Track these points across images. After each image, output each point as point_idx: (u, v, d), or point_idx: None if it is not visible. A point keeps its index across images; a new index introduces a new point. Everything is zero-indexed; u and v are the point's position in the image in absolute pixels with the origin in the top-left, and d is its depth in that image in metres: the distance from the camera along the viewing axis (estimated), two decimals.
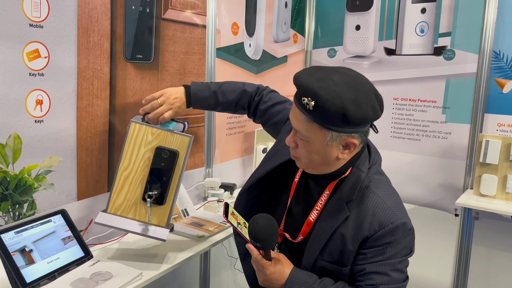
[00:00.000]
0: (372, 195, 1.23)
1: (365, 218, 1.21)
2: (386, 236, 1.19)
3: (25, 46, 1.35)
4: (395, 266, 1.21)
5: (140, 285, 1.37)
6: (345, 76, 1.16)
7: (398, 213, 1.21)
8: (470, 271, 2.52)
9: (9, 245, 1.28)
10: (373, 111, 1.15)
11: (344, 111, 1.10)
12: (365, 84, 1.18)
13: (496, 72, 2.36)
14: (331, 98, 1.10)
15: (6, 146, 1.34)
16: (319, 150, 1.20)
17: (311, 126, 1.17)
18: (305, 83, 1.14)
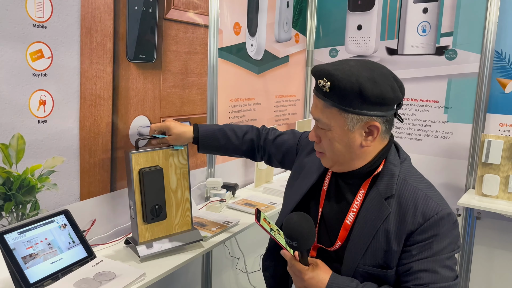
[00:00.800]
0: (411, 187, 1.17)
1: (407, 212, 1.15)
2: (432, 228, 1.12)
3: (28, 46, 1.35)
4: (444, 262, 1.13)
5: (143, 286, 1.37)
6: (361, 61, 1.18)
7: (441, 203, 1.15)
8: (472, 271, 2.52)
9: (12, 246, 1.28)
10: (392, 90, 1.12)
11: (360, 87, 1.09)
12: (382, 68, 1.16)
13: (498, 72, 2.36)
14: (346, 76, 1.10)
15: (9, 146, 1.34)
16: (341, 137, 1.17)
17: (330, 112, 1.15)
18: (320, 67, 1.16)
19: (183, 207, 1.64)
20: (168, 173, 1.58)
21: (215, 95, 2.19)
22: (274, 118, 2.75)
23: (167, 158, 1.57)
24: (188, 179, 1.64)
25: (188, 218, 1.66)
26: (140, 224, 1.53)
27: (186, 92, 2.01)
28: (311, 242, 1.14)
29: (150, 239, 1.56)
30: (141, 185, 1.51)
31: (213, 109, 2.19)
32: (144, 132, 1.81)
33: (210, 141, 1.61)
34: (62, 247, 1.40)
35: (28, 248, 1.31)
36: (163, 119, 1.89)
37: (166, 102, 1.90)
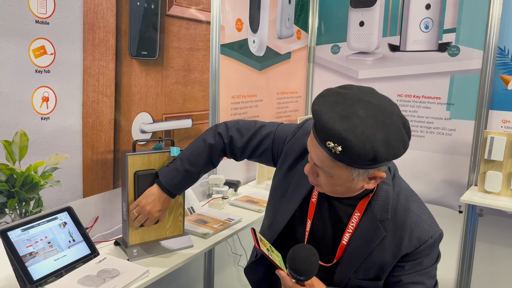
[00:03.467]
0: (405, 210, 1.21)
1: (403, 236, 1.19)
2: (426, 250, 1.20)
3: (31, 42, 1.34)
4: (430, 273, 1.23)
5: (147, 282, 1.37)
6: (371, 107, 1.05)
7: (434, 225, 1.22)
8: (474, 268, 2.53)
9: (16, 243, 1.28)
10: (403, 145, 1.06)
11: (375, 154, 1.01)
12: (391, 114, 1.06)
13: (501, 69, 2.35)
14: (361, 143, 1.00)
15: (12, 143, 1.33)
16: (344, 183, 1.12)
17: (335, 165, 1.07)
18: (328, 125, 1.02)
19: (176, 212, 1.63)
20: None
21: (217, 91, 2.19)
22: (276, 115, 2.74)
23: (163, 162, 1.56)
24: None
25: (180, 223, 1.65)
26: (131, 227, 1.53)
27: (188, 88, 2.01)
28: (315, 273, 1.17)
29: (140, 243, 1.56)
30: (135, 187, 1.50)
31: (215, 105, 2.19)
32: (146, 129, 1.81)
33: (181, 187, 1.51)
34: (65, 244, 1.40)
35: (31, 245, 1.31)
36: (166, 116, 1.88)
37: (168, 98, 1.90)
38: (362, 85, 1.14)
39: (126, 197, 1.51)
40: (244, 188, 2.42)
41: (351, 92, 1.09)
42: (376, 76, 2.73)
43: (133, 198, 1.50)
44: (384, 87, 2.70)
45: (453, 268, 2.59)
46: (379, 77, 2.72)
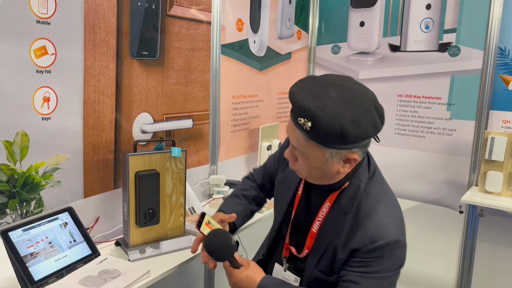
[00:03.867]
0: (369, 209, 1.19)
1: (357, 230, 1.18)
2: (376, 251, 1.15)
3: (32, 42, 1.34)
4: (378, 281, 1.17)
5: (148, 283, 1.37)
6: (343, 90, 1.10)
7: (392, 229, 1.16)
8: (474, 268, 2.52)
9: (17, 243, 1.27)
10: (373, 127, 1.10)
11: (343, 130, 1.05)
12: (364, 97, 1.12)
13: (502, 69, 2.35)
14: (329, 118, 1.05)
15: (13, 143, 1.33)
16: (319, 165, 1.17)
17: (309, 144, 1.13)
18: (300, 102, 1.09)
19: (177, 212, 1.63)
20: (164, 177, 1.57)
21: (218, 92, 2.19)
22: (276, 115, 2.74)
23: (164, 162, 1.56)
24: (184, 184, 1.63)
25: (181, 224, 1.65)
26: (132, 227, 1.53)
27: (189, 89, 2.00)
28: (227, 254, 1.26)
29: (141, 243, 1.56)
30: (136, 188, 1.50)
31: (215, 106, 2.18)
32: (147, 129, 1.81)
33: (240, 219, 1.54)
34: (65, 244, 1.40)
35: (32, 246, 1.31)
36: (166, 116, 1.88)
37: (169, 99, 1.90)
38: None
39: (127, 198, 1.50)
40: None
41: (327, 78, 1.15)
42: (376, 77, 2.73)
43: (134, 198, 1.50)
44: (384, 87, 2.70)
45: (454, 269, 2.59)
46: (380, 77, 2.72)
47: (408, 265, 2.97)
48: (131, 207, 1.51)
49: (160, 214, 1.57)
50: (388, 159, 2.72)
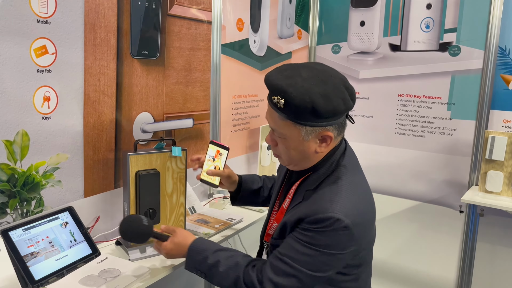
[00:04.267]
0: (326, 187, 1.23)
1: (308, 203, 1.22)
2: (315, 223, 1.17)
3: (32, 42, 1.34)
4: (311, 253, 1.17)
5: (148, 282, 1.37)
6: (313, 70, 1.18)
7: (336, 208, 1.17)
8: (474, 268, 2.52)
9: (17, 243, 1.27)
10: (343, 102, 1.17)
11: (314, 105, 1.13)
12: (334, 77, 1.19)
13: (502, 68, 2.34)
14: (300, 94, 1.13)
15: (14, 143, 1.33)
16: (297, 146, 1.23)
17: (285, 124, 1.20)
18: (274, 82, 1.17)
19: (177, 212, 1.63)
20: (164, 176, 1.57)
21: (218, 91, 2.19)
22: None
23: (165, 162, 1.56)
24: (185, 183, 1.63)
25: (181, 223, 1.65)
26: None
27: (189, 88, 2.00)
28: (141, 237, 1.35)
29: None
30: (136, 187, 1.50)
31: (216, 105, 2.18)
32: (147, 129, 1.81)
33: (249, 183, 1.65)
34: (66, 244, 1.40)
35: (32, 245, 1.31)
36: (167, 116, 1.88)
37: (169, 98, 1.89)
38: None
39: (127, 197, 1.50)
40: None
41: (300, 63, 1.25)
42: (377, 76, 2.73)
43: (135, 198, 1.50)
44: (384, 87, 2.70)
45: (454, 268, 2.59)
46: (380, 77, 2.71)
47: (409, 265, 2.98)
48: (132, 206, 1.51)
49: (161, 213, 1.57)
50: (389, 159, 2.72)
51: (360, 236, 1.21)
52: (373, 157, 2.76)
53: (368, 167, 2.97)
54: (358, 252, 1.25)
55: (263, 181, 1.69)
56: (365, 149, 2.79)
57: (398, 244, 2.77)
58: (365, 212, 1.25)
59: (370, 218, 1.30)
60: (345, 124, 1.27)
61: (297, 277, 1.18)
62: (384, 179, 2.73)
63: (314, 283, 1.22)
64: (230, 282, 1.27)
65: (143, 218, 1.34)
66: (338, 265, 1.22)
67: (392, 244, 2.79)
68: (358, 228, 1.18)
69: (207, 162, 1.57)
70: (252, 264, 1.28)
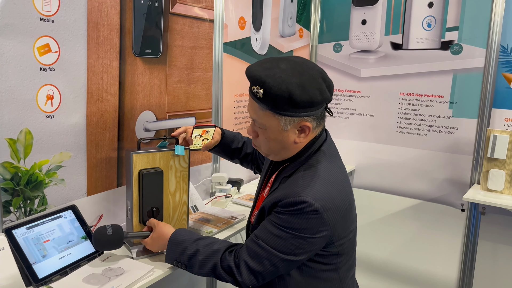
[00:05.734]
0: (300, 173, 1.27)
1: (282, 189, 1.27)
2: (286, 207, 1.21)
3: (35, 40, 1.34)
4: (283, 236, 1.21)
5: (151, 281, 1.37)
6: (292, 63, 1.23)
7: (305, 192, 1.20)
8: (476, 266, 2.53)
9: (20, 241, 1.27)
10: (320, 93, 1.21)
11: (290, 94, 1.17)
12: (311, 69, 1.23)
13: (504, 67, 2.35)
14: (277, 84, 1.17)
15: (17, 141, 1.33)
16: (277, 136, 1.27)
17: (264, 114, 1.24)
18: (253, 73, 1.23)
19: (180, 211, 1.63)
20: (168, 175, 1.57)
21: (220, 90, 2.19)
22: None
23: (168, 160, 1.56)
24: (188, 182, 1.63)
25: (184, 222, 1.65)
26: (136, 225, 1.52)
27: (192, 87, 2.00)
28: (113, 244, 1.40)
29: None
30: (140, 186, 1.50)
31: (218, 104, 2.18)
32: (150, 127, 1.81)
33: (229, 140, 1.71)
34: (69, 242, 1.40)
35: (36, 244, 1.31)
36: (169, 114, 1.89)
37: (172, 97, 1.89)
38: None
39: (130, 196, 1.50)
40: (247, 186, 2.42)
41: (279, 56, 1.30)
42: (378, 75, 2.73)
43: (138, 196, 1.50)
44: (386, 86, 2.70)
45: (455, 267, 2.59)
46: (382, 76, 2.71)
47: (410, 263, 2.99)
48: (135, 205, 1.51)
49: (164, 212, 1.57)
50: (390, 158, 2.72)
51: (334, 222, 1.23)
52: (374, 155, 2.77)
53: (370, 165, 3.00)
54: (334, 239, 1.26)
55: (243, 143, 1.74)
56: (367, 147, 2.79)
57: (400, 243, 2.77)
58: (338, 199, 1.26)
59: (345, 205, 1.29)
60: (324, 116, 1.30)
61: (269, 259, 1.22)
62: (385, 178, 2.74)
63: (287, 267, 1.25)
64: (208, 269, 1.30)
65: (107, 229, 1.39)
66: (309, 249, 1.23)
67: (394, 243, 2.80)
68: (329, 213, 1.21)
69: (194, 140, 1.61)
70: (229, 249, 1.31)
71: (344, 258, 1.33)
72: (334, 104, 2.86)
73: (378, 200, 2.79)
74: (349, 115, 2.84)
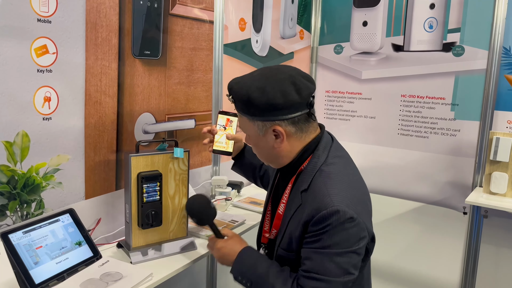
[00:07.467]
0: (320, 181, 1.22)
1: (308, 204, 1.20)
2: (321, 221, 1.15)
3: (33, 41, 1.32)
4: (332, 258, 1.15)
5: (150, 286, 1.35)
6: (267, 70, 1.26)
7: (336, 200, 1.16)
8: (478, 270, 2.50)
9: (17, 246, 1.25)
10: (282, 95, 1.18)
11: (249, 97, 1.20)
12: (282, 73, 1.22)
13: (506, 69, 2.33)
14: (239, 88, 1.23)
15: (14, 144, 1.31)
16: (258, 141, 1.29)
17: (243, 120, 1.29)
18: (229, 82, 1.28)
19: (180, 214, 1.61)
20: (167, 178, 1.55)
21: (220, 92, 2.17)
22: None
23: (167, 163, 1.54)
24: (187, 185, 1.61)
25: (183, 225, 1.63)
26: (134, 229, 1.51)
27: (192, 89, 1.98)
28: (207, 217, 1.40)
29: (144, 245, 1.54)
30: (138, 189, 1.48)
31: (218, 106, 2.16)
32: (149, 129, 1.78)
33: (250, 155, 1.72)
34: (67, 247, 1.37)
35: (33, 248, 1.28)
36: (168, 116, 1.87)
37: (171, 99, 1.87)
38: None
39: (129, 199, 1.48)
40: (247, 189, 2.39)
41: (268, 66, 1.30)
42: (379, 77, 2.71)
43: (136, 199, 1.48)
44: (387, 88, 2.68)
45: (458, 270, 2.57)
46: (383, 78, 2.69)
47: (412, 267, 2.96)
48: (133, 208, 1.49)
49: (163, 215, 1.55)
50: (391, 160, 2.70)
51: (366, 225, 1.21)
52: (375, 158, 2.74)
53: (371, 168, 2.97)
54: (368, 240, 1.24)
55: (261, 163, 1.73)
56: (368, 150, 2.77)
57: (402, 246, 2.75)
58: (365, 202, 1.27)
59: (369, 208, 1.30)
60: (306, 121, 1.25)
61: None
62: (387, 181, 2.71)
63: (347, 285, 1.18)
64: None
65: (211, 203, 1.42)
66: (359, 259, 1.20)
67: (396, 246, 2.77)
68: (362, 217, 1.18)
69: (219, 132, 1.64)
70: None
71: (366, 259, 1.31)
72: (334, 106, 2.84)
73: (379, 203, 2.75)
74: (350, 117, 2.82)
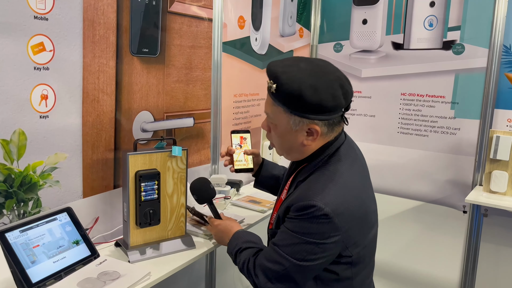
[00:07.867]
0: (313, 177, 1.25)
1: (297, 192, 1.25)
2: (298, 211, 1.19)
3: (29, 39, 1.31)
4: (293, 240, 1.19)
5: (148, 285, 1.34)
6: (313, 64, 1.23)
7: (316, 196, 1.17)
8: (478, 269, 2.50)
9: (14, 245, 1.24)
10: (332, 98, 1.19)
11: (301, 93, 1.17)
12: (331, 74, 1.22)
13: (507, 67, 2.32)
14: (290, 81, 1.18)
15: (10, 142, 1.30)
16: (285, 134, 1.27)
17: (277, 109, 1.25)
18: (271, 68, 1.24)
19: (178, 213, 1.60)
20: (165, 176, 1.54)
21: (219, 90, 2.16)
22: None
23: (165, 162, 1.53)
24: (186, 184, 1.60)
25: (182, 224, 1.62)
26: (132, 228, 1.50)
27: (190, 87, 1.97)
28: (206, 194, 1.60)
29: (142, 244, 1.53)
30: (136, 187, 1.47)
31: (217, 104, 2.16)
32: (147, 128, 1.78)
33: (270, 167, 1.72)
34: (64, 245, 1.37)
35: (30, 247, 1.28)
36: (167, 114, 1.85)
37: (170, 97, 1.86)
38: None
39: (127, 198, 1.47)
40: (246, 188, 2.38)
41: (305, 57, 1.31)
42: (379, 75, 2.70)
43: (134, 198, 1.47)
44: (387, 86, 2.67)
45: (457, 269, 2.56)
46: (383, 76, 2.68)
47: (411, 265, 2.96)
48: (131, 207, 1.48)
49: (161, 214, 1.54)
50: (391, 159, 2.69)
51: (347, 228, 1.19)
52: (375, 156, 2.73)
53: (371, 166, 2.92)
54: (348, 245, 1.22)
55: (284, 171, 1.71)
56: (367, 148, 2.73)
57: (401, 245, 2.75)
58: (352, 204, 1.22)
59: (360, 211, 1.26)
60: (338, 124, 1.27)
61: (283, 264, 1.21)
62: (386, 179, 2.70)
63: (301, 274, 1.21)
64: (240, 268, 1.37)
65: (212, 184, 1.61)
66: (322, 256, 1.20)
67: (395, 244, 2.77)
68: (341, 218, 1.17)
69: (236, 151, 1.66)
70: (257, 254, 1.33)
71: (360, 267, 1.30)
72: None
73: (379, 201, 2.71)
74: (349, 116, 2.80)
